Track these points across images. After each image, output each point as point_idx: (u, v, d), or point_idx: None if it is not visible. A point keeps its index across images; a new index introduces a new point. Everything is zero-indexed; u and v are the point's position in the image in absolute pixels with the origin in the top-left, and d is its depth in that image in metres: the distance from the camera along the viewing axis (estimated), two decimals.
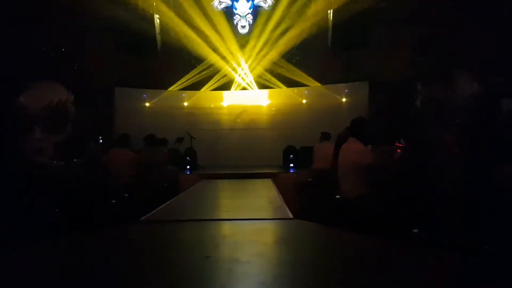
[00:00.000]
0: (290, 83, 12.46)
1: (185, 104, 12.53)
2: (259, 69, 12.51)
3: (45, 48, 9.34)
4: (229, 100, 12.66)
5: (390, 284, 1.65)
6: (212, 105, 12.66)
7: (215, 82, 12.53)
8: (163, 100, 12.40)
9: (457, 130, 3.02)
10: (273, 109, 12.59)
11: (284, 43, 12.17)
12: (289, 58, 12.45)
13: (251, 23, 12.63)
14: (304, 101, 12.41)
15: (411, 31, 10.30)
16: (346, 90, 12.01)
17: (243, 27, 12.66)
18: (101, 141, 8.07)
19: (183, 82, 12.44)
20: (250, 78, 12.57)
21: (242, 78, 12.60)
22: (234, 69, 12.56)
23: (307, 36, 12.07)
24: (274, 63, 12.43)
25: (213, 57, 12.31)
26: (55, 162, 5.20)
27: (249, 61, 12.50)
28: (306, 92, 12.40)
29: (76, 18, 10.35)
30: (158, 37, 12.28)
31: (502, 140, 2.95)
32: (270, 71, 12.51)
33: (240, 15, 12.66)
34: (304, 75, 12.25)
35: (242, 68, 12.57)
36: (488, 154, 2.89)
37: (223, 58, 12.41)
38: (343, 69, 12.03)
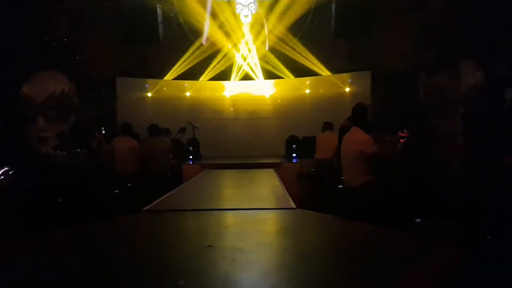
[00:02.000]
0: (294, 70, 12.40)
1: (188, 94, 12.50)
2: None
3: (47, 38, 9.31)
4: (232, 90, 12.63)
5: (392, 273, 1.65)
6: (214, 95, 12.63)
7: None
8: (165, 90, 12.38)
9: (461, 120, 3.01)
10: (276, 99, 12.56)
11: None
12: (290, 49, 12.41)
13: (254, 12, 12.54)
14: (307, 91, 12.36)
15: (415, 20, 10.23)
16: (349, 80, 11.96)
17: (245, 16, 12.57)
18: (103, 131, 8.08)
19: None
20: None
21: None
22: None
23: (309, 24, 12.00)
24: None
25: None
26: (58, 152, 5.22)
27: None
28: (308, 82, 12.35)
29: (78, 8, 10.31)
30: (160, 27, 12.24)
31: (506, 130, 2.94)
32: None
33: (242, 4, 12.57)
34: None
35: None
36: (493, 144, 2.88)
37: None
38: (346, 59, 11.98)
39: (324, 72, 12.17)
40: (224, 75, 12.63)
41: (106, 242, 2.26)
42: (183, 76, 12.39)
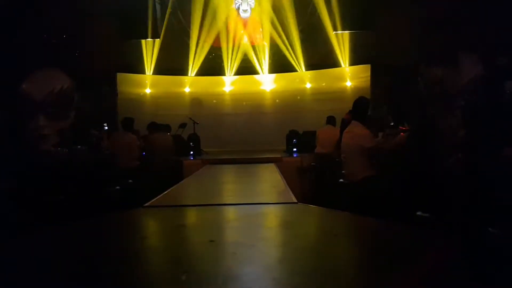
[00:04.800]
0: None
1: (187, 89, 12.49)
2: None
3: (46, 35, 9.29)
4: (232, 84, 12.62)
5: (393, 266, 1.66)
6: (215, 90, 12.63)
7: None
8: (165, 86, 12.38)
9: (462, 113, 3.00)
10: (276, 93, 12.55)
11: None
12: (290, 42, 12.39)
13: (253, 6, 12.50)
14: (307, 85, 12.34)
15: (416, 13, 10.19)
16: (349, 73, 11.95)
17: (244, 11, 12.53)
18: (106, 128, 8.08)
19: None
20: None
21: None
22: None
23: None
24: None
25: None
26: (58, 149, 5.22)
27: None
28: (309, 75, 12.34)
29: (76, 3, 10.27)
30: (160, 23, 12.23)
31: (507, 122, 2.93)
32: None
33: None
34: None
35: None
36: (493, 136, 2.88)
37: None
38: (346, 52, 11.96)
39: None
40: (219, 70, 12.62)
41: (107, 238, 2.27)
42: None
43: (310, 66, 12.28)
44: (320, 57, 12.16)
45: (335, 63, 12.06)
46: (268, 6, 12.17)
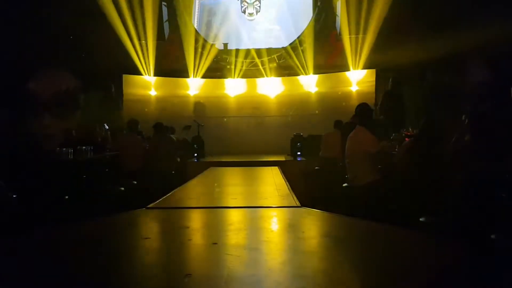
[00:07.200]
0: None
1: (192, 92, 12.50)
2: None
3: (53, 35, 9.34)
4: (237, 88, 12.62)
5: (397, 271, 1.65)
6: (219, 93, 12.63)
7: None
8: (170, 88, 12.40)
9: (468, 118, 2.99)
10: (281, 97, 12.54)
11: None
12: (295, 46, 12.39)
13: (259, 10, 12.49)
14: (312, 89, 12.33)
15: (422, 17, 10.17)
16: (354, 78, 11.93)
17: (250, 14, 12.53)
18: (107, 127, 8.11)
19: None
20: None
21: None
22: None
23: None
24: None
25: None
26: (64, 149, 5.25)
27: None
28: (313, 79, 12.32)
29: (84, 4, 10.32)
30: (166, 25, 12.27)
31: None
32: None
33: (247, 2, 12.52)
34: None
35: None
36: (498, 142, 2.86)
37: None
38: (351, 56, 11.94)
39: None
40: (224, 73, 12.63)
41: (110, 239, 2.27)
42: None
43: (315, 70, 12.27)
44: (326, 61, 12.14)
45: (341, 67, 12.05)
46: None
